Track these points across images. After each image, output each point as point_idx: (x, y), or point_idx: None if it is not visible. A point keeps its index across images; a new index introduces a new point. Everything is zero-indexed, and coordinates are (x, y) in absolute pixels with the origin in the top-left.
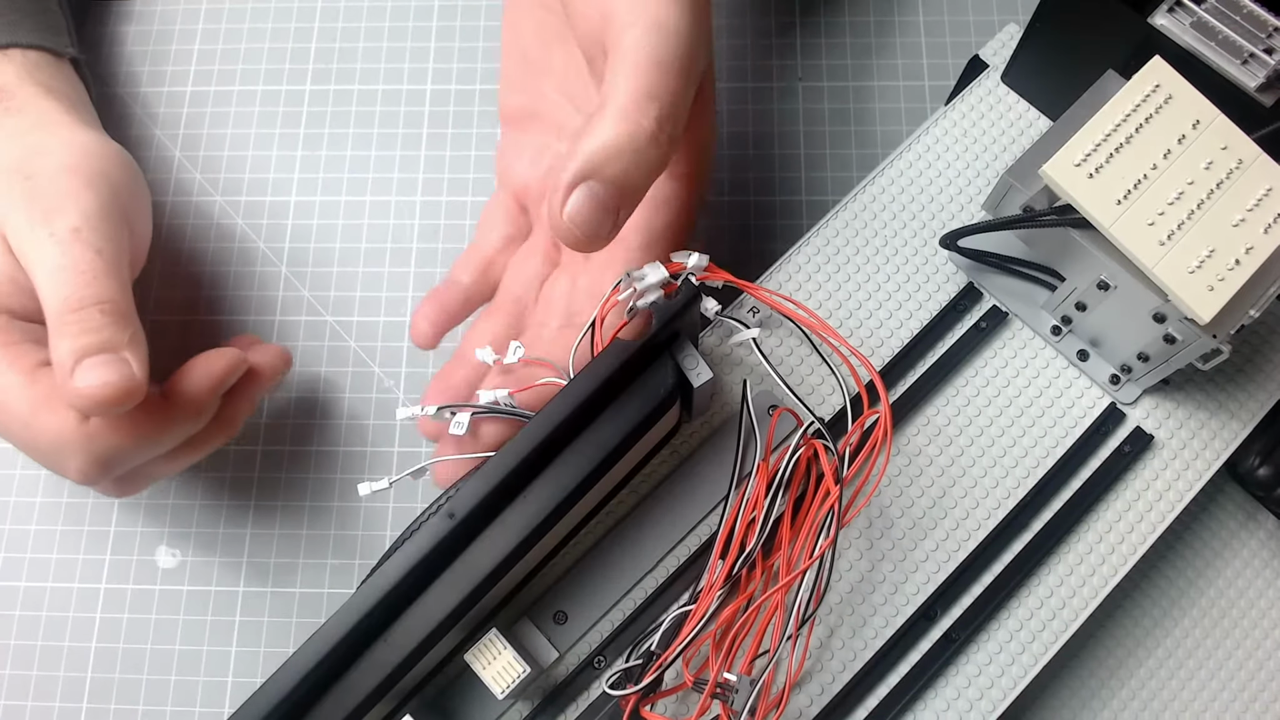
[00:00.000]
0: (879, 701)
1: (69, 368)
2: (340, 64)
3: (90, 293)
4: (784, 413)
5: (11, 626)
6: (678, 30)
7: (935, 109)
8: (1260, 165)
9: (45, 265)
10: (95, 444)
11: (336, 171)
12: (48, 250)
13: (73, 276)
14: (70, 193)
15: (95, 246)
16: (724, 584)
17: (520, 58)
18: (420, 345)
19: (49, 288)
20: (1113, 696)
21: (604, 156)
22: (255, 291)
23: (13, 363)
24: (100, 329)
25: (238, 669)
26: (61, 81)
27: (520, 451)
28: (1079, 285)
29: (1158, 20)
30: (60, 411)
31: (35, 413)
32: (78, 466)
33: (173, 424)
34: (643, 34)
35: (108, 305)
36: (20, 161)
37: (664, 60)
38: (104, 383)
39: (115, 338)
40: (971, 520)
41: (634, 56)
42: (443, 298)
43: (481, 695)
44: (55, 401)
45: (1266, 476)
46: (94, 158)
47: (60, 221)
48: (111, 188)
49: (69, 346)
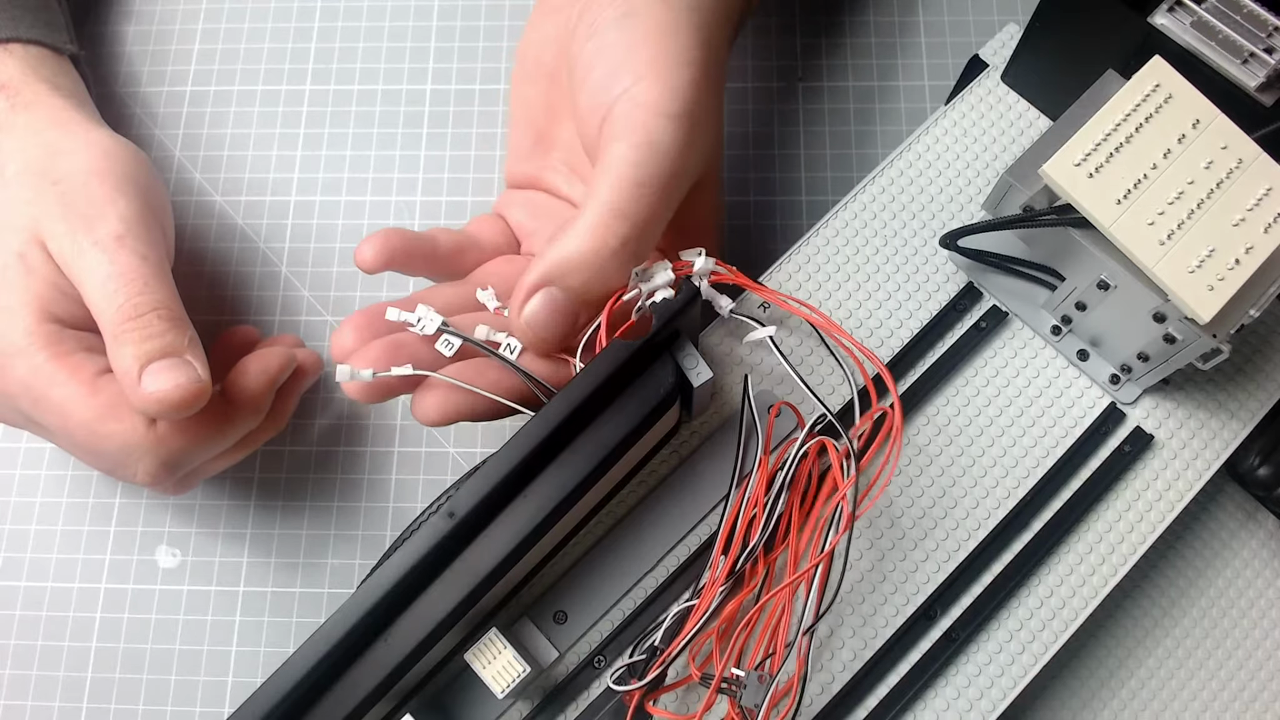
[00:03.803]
0: (879, 701)
1: (135, 374)
2: (340, 64)
3: (145, 299)
4: (783, 409)
5: (11, 626)
6: (668, 149)
7: (935, 109)
8: (1260, 165)
9: (95, 274)
10: (163, 447)
11: (336, 171)
12: (94, 259)
13: (125, 284)
14: (106, 199)
15: (140, 252)
16: (726, 579)
17: (528, 129)
18: (360, 261)
19: (101, 297)
20: (1113, 696)
21: (567, 267)
22: (255, 291)
23: (72, 374)
24: (162, 334)
25: (238, 669)
26: (65, 78)
27: (521, 451)
28: (1079, 285)
29: (1158, 20)
30: (127, 418)
31: (102, 421)
32: (147, 470)
33: (235, 422)
34: (629, 149)
35: (164, 310)
36: (43, 162)
37: (643, 180)
38: (175, 385)
39: (176, 341)
40: (972, 520)
41: (616, 171)
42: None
43: (481, 695)
44: (121, 409)
45: (1266, 476)
46: (116, 159)
47: (102, 229)
48: (138, 188)
49: (133, 353)
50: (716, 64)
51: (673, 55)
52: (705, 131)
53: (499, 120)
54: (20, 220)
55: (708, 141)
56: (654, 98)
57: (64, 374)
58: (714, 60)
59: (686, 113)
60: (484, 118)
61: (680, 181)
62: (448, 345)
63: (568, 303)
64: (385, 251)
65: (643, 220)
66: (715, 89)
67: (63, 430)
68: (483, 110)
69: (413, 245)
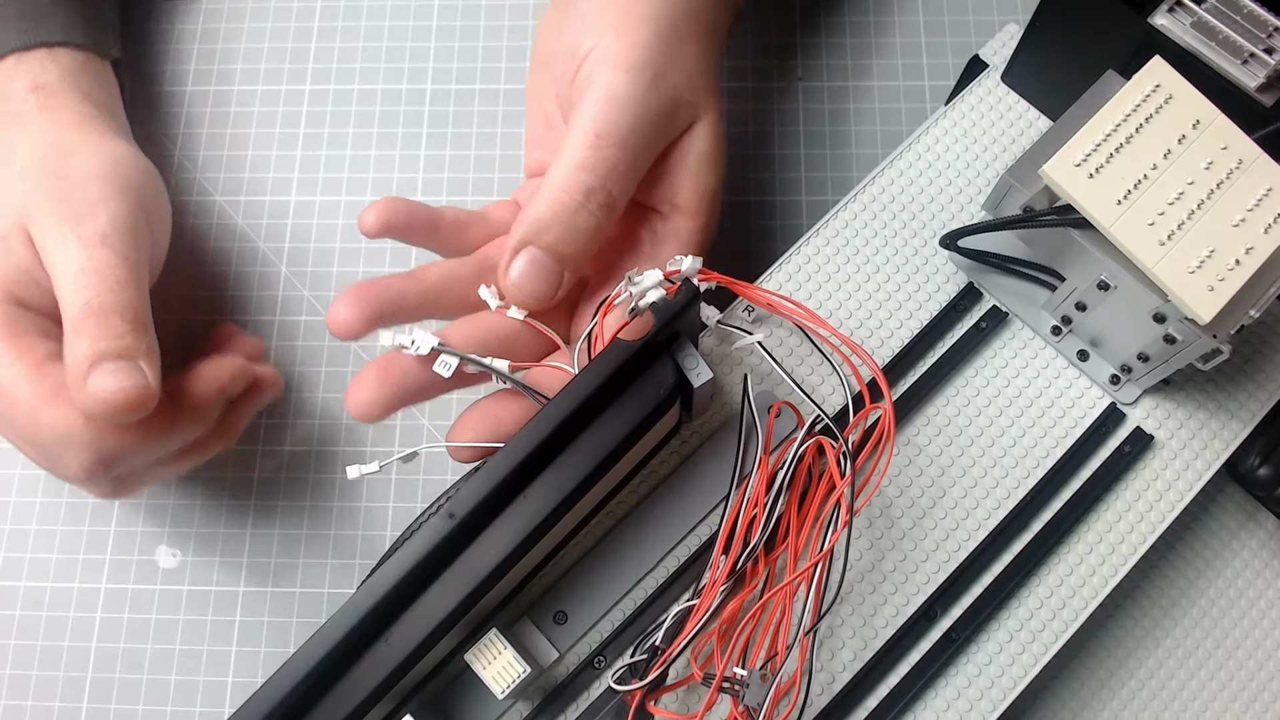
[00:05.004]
0: (879, 701)
1: (84, 370)
2: (340, 64)
3: (113, 299)
4: (783, 408)
5: (11, 626)
6: (625, 100)
7: (935, 109)
8: (1260, 165)
9: (69, 266)
10: (99, 441)
11: (336, 171)
12: (74, 252)
13: (96, 280)
14: (101, 198)
15: (121, 253)
16: (727, 579)
17: (542, 120)
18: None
19: (70, 289)
20: (1113, 696)
21: (540, 225)
22: (255, 291)
23: (21, 354)
24: (120, 335)
25: (238, 669)
26: (101, 87)
27: (521, 451)
28: (1079, 285)
29: (1158, 20)
30: (66, 406)
31: (42, 405)
32: (80, 463)
33: (177, 426)
34: (589, 104)
35: (129, 313)
36: (51, 160)
37: (602, 131)
38: (118, 388)
39: (134, 345)
40: (972, 520)
41: (579, 127)
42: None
43: (482, 695)
44: (62, 396)
45: (1266, 476)
46: (123, 166)
47: (89, 225)
48: (138, 197)
49: (87, 348)
50: (689, 16)
51: (634, 12)
52: (671, 82)
53: (499, 120)
54: (12, 207)
55: (678, 92)
56: (614, 52)
57: (13, 353)
58: (686, 13)
59: (645, 63)
60: (484, 118)
61: (642, 130)
62: (445, 366)
63: (548, 260)
64: (387, 215)
65: (604, 170)
66: (689, 41)
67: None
68: (483, 110)
69: (415, 213)
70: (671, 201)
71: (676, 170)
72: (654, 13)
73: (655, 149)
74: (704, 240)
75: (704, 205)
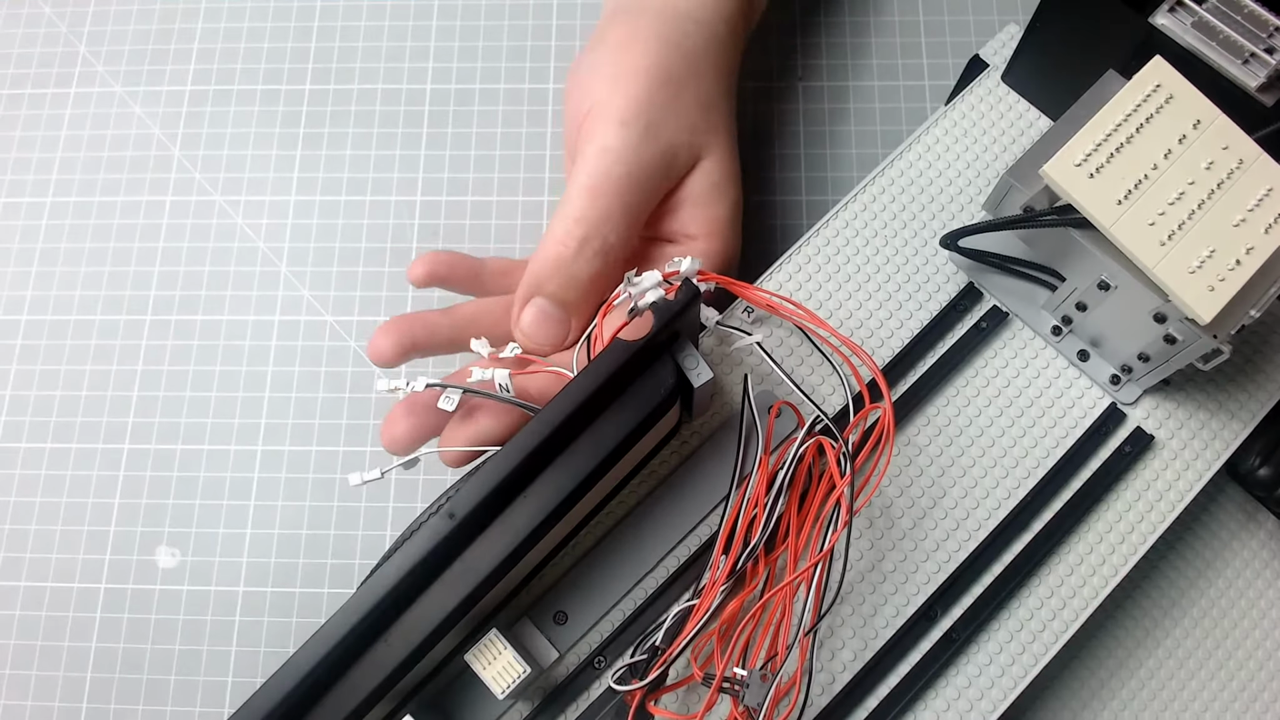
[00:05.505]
0: (879, 701)
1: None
2: (340, 64)
3: None
4: (783, 409)
5: (11, 626)
6: (618, 152)
7: (935, 109)
8: (1261, 165)
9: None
10: None
11: (336, 171)
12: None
13: None
14: None
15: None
16: (727, 579)
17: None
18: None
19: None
20: (1113, 697)
21: (542, 275)
22: (255, 291)
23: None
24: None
25: (238, 669)
26: None
27: (521, 451)
28: (1079, 285)
29: (1158, 20)
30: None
31: None
32: None
33: None
34: (583, 160)
35: None
36: None
37: (595, 184)
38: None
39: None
40: (972, 520)
41: (575, 181)
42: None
43: (482, 695)
44: None
45: (1266, 476)
46: None
47: None
48: None
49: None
50: (687, 61)
51: (628, 66)
52: (669, 129)
53: (499, 120)
54: None
55: (676, 136)
56: (609, 108)
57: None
58: (683, 60)
59: (637, 115)
60: (484, 117)
61: (637, 177)
62: (449, 400)
63: (552, 308)
64: (431, 266)
65: (597, 219)
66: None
67: None
68: (483, 110)
69: (457, 264)
70: (684, 232)
71: (684, 205)
72: (648, 65)
73: (655, 193)
74: (721, 260)
75: (716, 230)
